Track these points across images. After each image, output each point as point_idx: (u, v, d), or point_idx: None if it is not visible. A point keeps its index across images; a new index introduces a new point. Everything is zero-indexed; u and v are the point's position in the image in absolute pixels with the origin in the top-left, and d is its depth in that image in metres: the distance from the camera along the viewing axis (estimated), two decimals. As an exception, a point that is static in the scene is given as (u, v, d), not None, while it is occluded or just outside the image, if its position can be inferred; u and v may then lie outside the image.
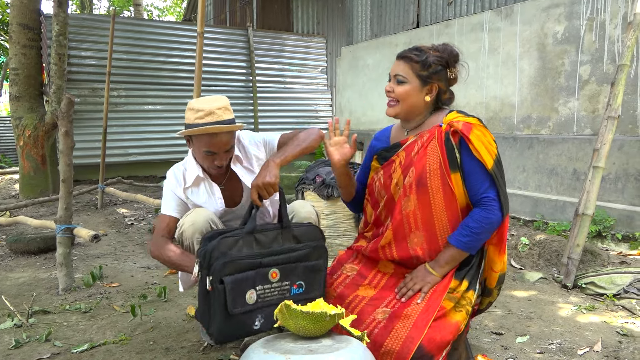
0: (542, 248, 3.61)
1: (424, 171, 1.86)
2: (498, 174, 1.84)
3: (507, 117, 5.02)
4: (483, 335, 2.37)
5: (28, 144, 6.39)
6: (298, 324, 1.52)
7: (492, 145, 1.85)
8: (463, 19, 5.57)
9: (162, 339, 2.30)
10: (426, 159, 1.87)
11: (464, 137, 1.82)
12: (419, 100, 1.92)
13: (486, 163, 1.81)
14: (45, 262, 3.70)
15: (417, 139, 1.93)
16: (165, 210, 2.14)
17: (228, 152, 2.08)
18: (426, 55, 1.90)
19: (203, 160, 2.07)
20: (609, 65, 4.10)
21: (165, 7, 26.85)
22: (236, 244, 1.84)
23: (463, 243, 1.83)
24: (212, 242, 1.81)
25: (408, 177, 1.89)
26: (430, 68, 1.89)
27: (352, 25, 7.77)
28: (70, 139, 3.01)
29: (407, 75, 1.90)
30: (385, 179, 1.98)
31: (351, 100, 7.64)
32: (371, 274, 2.01)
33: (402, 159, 1.94)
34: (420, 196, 1.86)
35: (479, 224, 1.82)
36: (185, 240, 2.02)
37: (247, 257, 1.83)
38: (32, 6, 6.42)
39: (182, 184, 2.15)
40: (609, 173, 3.93)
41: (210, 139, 2.00)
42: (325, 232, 3.28)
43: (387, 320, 1.79)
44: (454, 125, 1.85)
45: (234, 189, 2.22)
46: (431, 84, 1.91)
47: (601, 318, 2.59)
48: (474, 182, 1.84)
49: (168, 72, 8.08)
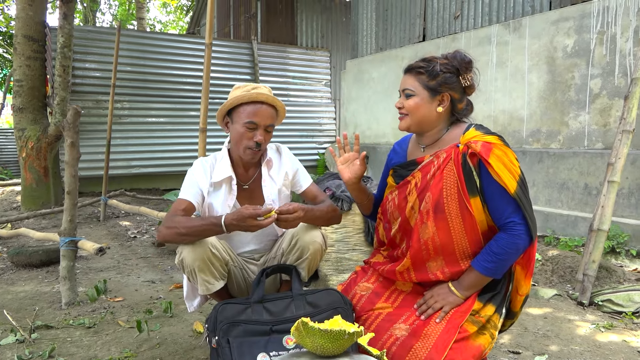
0: (555, 264, 3.54)
1: (441, 196, 1.76)
2: (522, 197, 1.72)
3: (516, 130, 4.98)
4: (500, 354, 2.29)
5: (31, 156, 6.34)
6: (315, 343, 1.44)
7: (514, 165, 1.72)
8: (470, 32, 5.55)
9: (168, 356, 2.23)
10: (443, 183, 1.77)
11: (483, 160, 1.71)
12: (430, 112, 1.82)
13: (509, 187, 1.69)
14: (47, 276, 3.62)
15: (434, 159, 1.82)
16: (185, 195, 2.05)
17: (268, 133, 2.07)
18: (433, 64, 1.81)
19: (242, 138, 2.03)
20: (621, 79, 4.06)
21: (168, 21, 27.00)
22: (244, 312, 1.81)
23: (487, 269, 1.74)
24: (219, 307, 1.81)
25: (425, 202, 1.80)
26: (439, 77, 1.80)
27: (357, 38, 7.76)
28: (76, 150, 2.96)
29: (415, 88, 1.82)
30: (400, 201, 1.90)
31: (356, 113, 7.60)
32: (387, 292, 1.93)
33: (417, 181, 1.85)
34: (438, 223, 1.77)
35: (504, 249, 1.71)
36: (185, 267, 1.95)
37: (256, 322, 1.79)
38: (37, 18, 6.41)
39: (209, 177, 2.10)
40: (622, 188, 3.87)
41: (256, 108, 2.01)
42: (335, 247, 3.21)
43: (405, 338, 1.72)
44: (471, 146, 1.73)
45: (256, 193, 2.17)
46: (442, 94, 1.81)
47: (621, 337, 2.51)
48: (497, 207, 1.73)
49: (172, 85, 8.06)
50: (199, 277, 1.95)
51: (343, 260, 3.23)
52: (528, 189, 1.78)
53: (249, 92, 2.02)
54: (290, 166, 2.24)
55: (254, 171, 2.19)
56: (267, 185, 2.16)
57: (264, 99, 2.03)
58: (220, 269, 2.00)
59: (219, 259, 1.98)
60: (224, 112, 2.11)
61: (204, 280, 1.96)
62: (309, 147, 9.33)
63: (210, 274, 1.97)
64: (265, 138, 2.05)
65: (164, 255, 4.22)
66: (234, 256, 2.13)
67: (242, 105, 2.04)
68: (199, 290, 2.00)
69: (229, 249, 2.11)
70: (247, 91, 2.03)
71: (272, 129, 2.08)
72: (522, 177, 1.74)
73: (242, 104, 2.04)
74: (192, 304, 2.17)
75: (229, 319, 1.77)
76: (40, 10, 6.48)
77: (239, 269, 2.15)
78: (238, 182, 2.12)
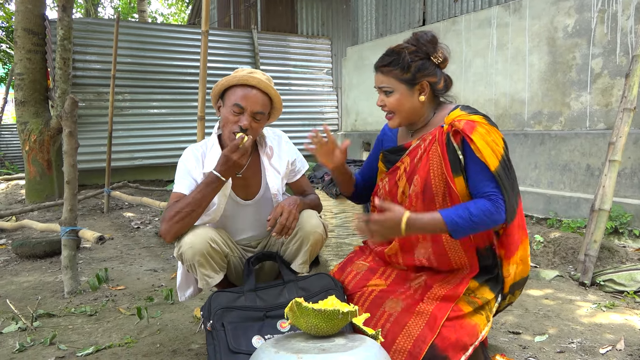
0: (557, 246, 3.52)
1: (428, 177, 1.75)
2: (504, 177, 1.68)
3: (517, 113, 4.94)
4: (500, 334, 2.29)
5: (34, 149, 6.37)
6: (309, 323, 1.44)
7: (498, 145, 1.69)
8: (470, 15, 5.50)
9: (169, 342, 2.24)
10: (429, 164, 1.75)
11: (466, 137, 1.68)
12: (414, 103, 1.80)
13: (489, 164, 1.65)
14: (50, 266, 3.65)
15: (421, 143, 1.81)
16: (180, 188, 2.00)
17: (258, 121, 1.97)
18: (402, 56, 1.76)
19: (227, 121, 1.96)
20: (622, 57, 4.01)
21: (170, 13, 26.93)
22: (238, 299, 1.82)
23: (454, 222, 1.64)
24: (213, 295, 1.83)
25: (413, 185, 1.79)
26: (412, 67, 1.75)
27: (357, 25, 7.71)
28: (74, 139, 2.96)
29: (391, 84, 1.78)
30: (391, 187, 1.89)
31: (357, 100, 7.57)
32: (381, 269, 1.96)
33: (406, 165, 1.84)
34: (427, 205, 1.76)
35: (482, 213, 1.64)
36: (185, 261, 1.93)
37: (250, 308, 1.80)
38: (36, 11, 6.41)
39: (201, 167, 2.04)
40: (624, 168, 3.84)
41: (245, 92, 1.93)
42: (335, 232, 3.21)
43: (399, 314, 1.72)
44: (455, 124, 1.71)
45: (252, 180, 2.12)
46: (420, 83, 1.78)
47: (622, 316, 2.50)
48: (477, 183, 1.70)
49: (173, 76, 8.05)
50: (199, 271, 1.94)
51: (343, 246, 3.23)
52: (514, 173, 1.75)
53: (241, 75, 1.95)
54: (291, 154, 2.19)
55: (247, 158, 2.13)
56: (270, 175, 2.10)
57: (255, 83, 1.94)
58: (220, 262, 1.99)
59: (219, 252, 1.97)
60: (218, 95, 2.04)
61: (204, 274, 1.95)
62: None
63: (211, 268, 1.96)
64: (252, 125, 1.95)
65: (166, 245, 4.24)
66: (233, 246, 2.12)
67: (232, 88, 1.97)
68: (199, 284, 1.99)
69: (228, 239, 2.09)
70: (240, 73, 1.96)
71: (261, 117, 1.98)
72: (505, 157, 1.70)
73: (233, 86, 1.97)
74: (185, 293, 2.15)
75: (223, 305, 1.79)
76: (39, 3, 6.48)
77: (238, 258, 2.15)
78: None
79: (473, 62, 5.41)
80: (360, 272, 1.96)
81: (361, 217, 1.73)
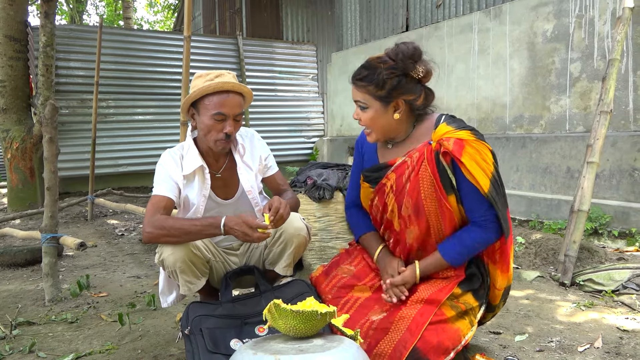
0: (538, 247, 3.56)
1: (419, 199, 1.76)
2: (496, 197, 1.70)
3: (499, 117, 5.00)
4: (481, 334, 2.31)
5: (16, 157, 6.29)
6: (288, 324, 1.45)
7: (487, 162, 1.69)
8: (452, 21, 5.57)
9: (150, 347, 2.23)
10: (420, 185, 1.75)
11: (455, 160, 1.68)
12: (388, 121, 1.77)
13: (482, 187, 1.68)
14: (32, 274, 3.61)
15: (407, 160, 1.79)
16: (160, 190, 1.99)
17: (237, 122, 2.00)
18: (377, 72, 1.71)
19: (210, 130, 1.96)
20: (600, 61, 4.08)
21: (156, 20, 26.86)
22: (216, 309, 1.86)
23: (454, 260, 1.80)
24: (190, 305, 1.87)
25: (405, 207, 1.79)
26: (387, 85, 1.71)
27: (342, 31, 7.76)
28: (54, 145, 2.94)
29: (366, 100, 1.76)
30: (383, 206, 1.90)
31: (342, 106, 7.61)
32: (367, 277, 1.95)
33: (392, 183, 1.82)
34: (420, 225, 1.80)
35: (475, 243, 1.77)
36: (166, 268, 1.93)
37: (228, 316, 1.84)
38: (18, 17, 6.35)
39: (180, 169, 2.03)
40: (603, 170, 3.90)
41: (222, 98, 1.93)
42: (318, 235, 3.22)
43: (380, 321, 1.73)
44: (443, 144, 1.69)
45: (230, 180, 2.14)
46: (395, 101, 1.74)
47: (601, 314, 2.53)
48: (471, 204, 1.74)
49: (157, 82, 8.02)
50: (181, 277, 1.94)
51: (327, 249, 3.23)
52: (503, 186, 1.77)
53: (213, 82, 1.93)
54: (263, 150, 2.21)
55: (224, 159, 2.14)
56: (243, 172, 2.13)
57: (230, 88, 1.95)
58: (202, 267, 2.00)
59: (200, 258, 1.97)
60: (189, 104, 2.02)
61: (186, 281, 1.95)
62: (298, 141, 9.30)
63: (192, 275, 1.96)
64: (235, 127, 1.99)
65: (150, 252, 4.22)
66: (215, 251, 2.12)
67: (207, 97, 1.95)
68: (181, 290, 1.99)
69: (209, 243, 2.09)
70: (211, 80, 1.94)
71: (240, 117, 2.01)
72: (495, 174, 1.72)
73: (207, 94, 1.95)
74: (167, 299, 2.15)
75: (201, 314, 1.82)
76: (21, 9, 6.41)
77: (221, 262, 2.15)
78: (210, 171, 2.08)
79: (455, 67, 5.47)
80: (345, 277, 1.95)
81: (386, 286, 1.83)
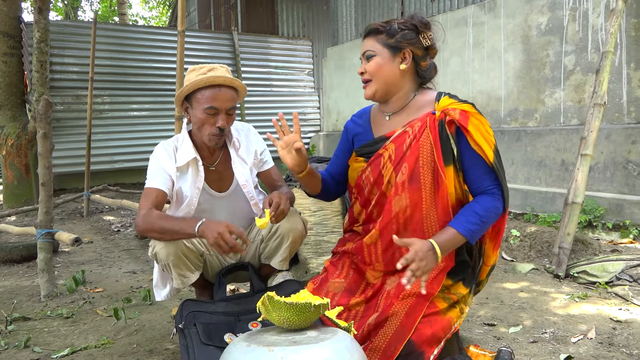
0: (533, 240, 3.57)
1: (417, 165, 1.72)
2: (499, 166, 1.72)
3: (494, 110, 5.00)
4: (475, 326, 2.32)
5: (11, 153, 6.28)
6: (282, 316, 1.45)
7: (490, 134, 1.72)
8: (447, 15, 5.56)
9: (145, 342, 2.23)
10: (419, 151, 1.72)
11: (462, 129, 1.68)
12: (393, 71, 1.78)
13: (487, 156, 1.69)
14: (28, 270, 3.61)
15: (408, 129, 1.77)
16: (152, 183, 1.99)
17: (230, 116, 2.00)
18: (390, 23, 1.80)
19: (203, 123, 1.96)
20: (594, 54, 4.09)
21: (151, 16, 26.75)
22: (210, 307, 1.88)
23: (470, 232, 1.67)
24: (184, 302, 1.88)
25: (401, 173, 1.75)
26: (397, 34, 1.76)
27: (337, 25, 7.75)
28: (48, 141, 2.94)
29: (375, 48, 1.79)
30: (377, 177, 1.83)
31: (338, 100, 7.60)
32: (359, 289, 1.88)
33: (391, 153, 1.78)
34: (412, 194, 1.74)
35: (488, 212, 1.69)
36: (160, 261, 1.94)
37: (221, 313, 1.85)
38: (12, 14, 6.33)
39: (174, 161, 2.03)
40: (597, 162, 3.91)
41: (214, 92, 1.93)
42: (313, 230, 3.23)
43: (374, 318, 1.72)
44: (449, 114, 1.70)
45: (224, 174, 2.13)
46: (402, 51, 1.77)
47: (594, 306, 2.55)
48: (476, 176, 1.73)
49: (152, 78, 7.99)
50: (174, 271, 1.94)
51: (322, 243, 3.24)
52: (501, 159, 1.79)
53: (205, 76, 1.93)
54: (259, 145, 2.20)
55: (219, 152, 2.13)
56: (237, 166, 2.12)
57: (222, 82, 1.94)
58: (195, 260, 2.00)
59: (194, 252, 1.98)
60: (182, 98, 2.03)
61: (179, 274, 1.96)
62: (294, 136, 9.28)
63: (186, 268, 1.96)
64: (228, 121, 1.99)
65: (146, 247, 4.21)
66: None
67: (199, 90, 1.95)
68: (174, 283, 2.00)
69: None
70: (203, 74, 1.94)
71: (233, 111, 2.01)
72: (496, 146, 1.74)
73: (200, 88, 1.95)
74: (161, 293, 2.15)
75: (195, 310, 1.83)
76: (15, 6, 6.39)
77: (215, 256, 2.15)
78: (204, 164, 2.08)
79: (450, 61, 5.48)
80: (338, 292, 1.86)
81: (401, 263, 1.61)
